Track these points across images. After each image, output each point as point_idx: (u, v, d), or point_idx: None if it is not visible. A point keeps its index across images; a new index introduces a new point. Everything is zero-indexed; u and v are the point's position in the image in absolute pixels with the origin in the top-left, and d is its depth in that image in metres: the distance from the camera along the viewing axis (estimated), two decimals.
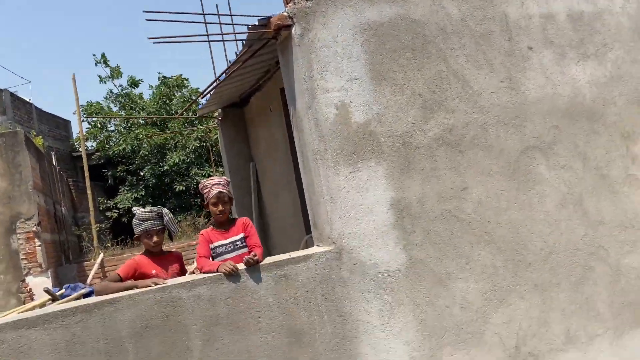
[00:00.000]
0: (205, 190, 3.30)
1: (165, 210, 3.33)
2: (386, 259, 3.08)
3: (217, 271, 2.84)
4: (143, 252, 3.32)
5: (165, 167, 16.54)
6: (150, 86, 18.77)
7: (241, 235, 3.28)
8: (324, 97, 3.07)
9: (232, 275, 2.81)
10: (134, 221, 3.26)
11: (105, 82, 17.95)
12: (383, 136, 3.17)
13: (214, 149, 16.12)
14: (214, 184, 3.27)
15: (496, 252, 3.28)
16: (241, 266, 2.88)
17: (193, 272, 3.27)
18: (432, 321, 3.10)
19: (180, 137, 16.95)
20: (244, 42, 3.62)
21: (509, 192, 3.35)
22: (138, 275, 3.09)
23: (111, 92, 18.26)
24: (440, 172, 3.24)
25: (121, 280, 3.01)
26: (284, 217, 5.08)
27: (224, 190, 3.26)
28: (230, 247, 3.25)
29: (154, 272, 3.14)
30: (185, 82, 18.66)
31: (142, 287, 2.75)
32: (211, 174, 16.45)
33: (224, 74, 3.91)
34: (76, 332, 2.50)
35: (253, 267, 2.87)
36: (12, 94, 14.99)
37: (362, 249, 3.05)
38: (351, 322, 2.98)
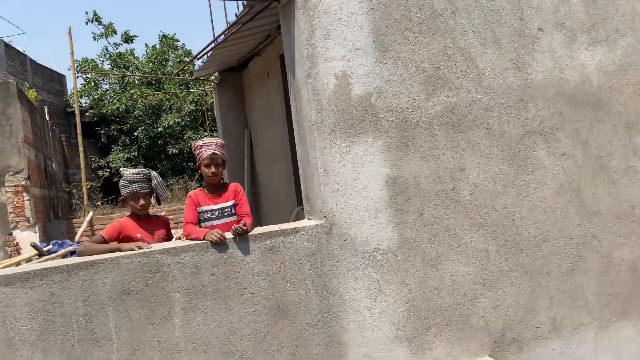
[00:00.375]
0: (198, 151, 3.20)
1: (154, 173, 3.23)
2: (377, 237, 3.02)
3: (204, 239, 2.77)
4: (129, 215, 3.24)
5: (160, 129, 16.33)
6: (147, 45, 18.37)
7: (231, 202, 3.21)
8: (324, 65, 2.95)
9: (219, 245, 2.74)
10: (121, 182, 3.17)
11: (97, 40, 17.58)
12: (383, 111, 3.07)
13: (210, 113, 15.91)
14: (208, 145, 3.18)
15: (489, 236, 3.23)
16: (229, 235, 2.82)
17: (179, 238, 3.21)
18: (419, 302, 3.07)
19: (176, 100, 16.70)
20: (245, 2, 3.46)
21: (507, 177, 3.28)
22: (123, 238, 3.01)
23: (106, 49, 17.89)
24: (438, 151, 3.16)
25: (105, 242, 2.94)
26: (276, 187, 5.00)
27: (218, 152, 3.17)
28: (219, 213, 3.18)
29: (139, 235, 3.07)
30: (176, 42, 18.27)
31: (125, 251, 2.68)
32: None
33: (223, 35, 3.76)
34: (55, 292, 2.44)
35: (241, 236, 2.80)
36: (6, 44, 14.62)
37: (354, 225, 2.99)
38: (337, 298, 2.94)
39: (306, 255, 2.90)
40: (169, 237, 3.28)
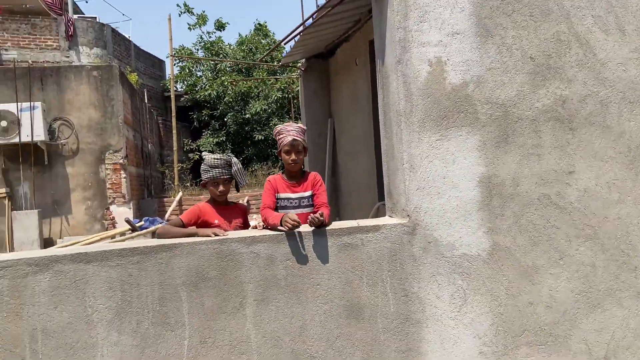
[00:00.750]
0: (280, 137, 3.12)
1: (234, 160, 3.17)
2: (466, 241, 2.75)
3: (280, 224, 2.67)
4: (208, 200, 3.22)
5: (247, 115, 16.77)
6: (240, 35, 18.93)
7: (309, 192, 3.13)
8: (417, 51, 2.70)
9: (294, 230, 2.61)
10: (202, 167, 3.15)
11: (192, 29, 18.40)
12: (480, 102, 2.76)
13: (295, 101, 16.06)
14: (289, 131, 3.09)
15: (598, 250, 2.82)
16: (306, 227, 2.68)
17: (256, 227, 3.13)
18: (510, 317, 2.76)
19: (264, 87, 17.03)
20: None
21: (624, 183, 2.85)
22: (201, 223, 2.99)
23: (201, 38, 18.64)
24: (543, 150, 2.80)
25: (183, 226, 2.93)
26: (357, 179, 4.82)
27: (299, 139, 3.07)
28: (296, 202, 3.11)
29: (216, 222, 3.04)
30: (268, 31, 18.68)
31: (202, 236, 2.65)
32: None
33: (311, 19, 3.62)
34: (132, 272, 2.44)
35: (318, 230, 2.66)
36: (113, 30, 15.65)
37: (440, 227, 2.73)
38: (417, 304, 2.71)
39: (385, 256, 2.70)
40: (245, 226, 3.23)
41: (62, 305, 2.36)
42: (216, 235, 2.64)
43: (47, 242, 9.23)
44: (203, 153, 3.31)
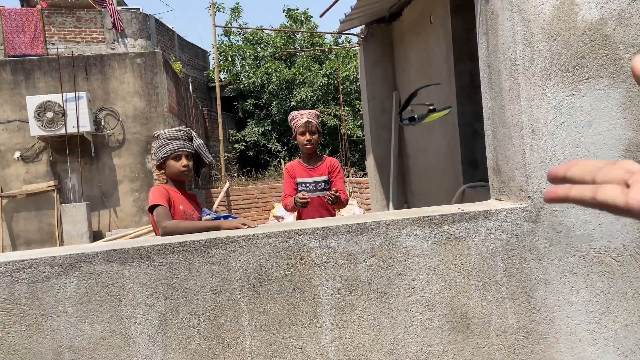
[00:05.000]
0: (293, 122, 3.24)
1: (194, 133, 2.71)
2: (607, 230, 2.07)
3: (295, 205, 2.99)
4: (165, 183, 2.69)
5: (293, 103, 16.30)
6: (278, 26, 18.56)
7: (326, 177, 3.24)
8: None
9: (380, 219, 2.07)
10: (157, 143, 2.63)
11: (230, 24, 18.18)
12: (624, 45, 2.07)
13: (342, 87, 15.45)
14: (303, 114, 3.23)
15: None
16: (394, 215, 2.09)
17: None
18: None
19: (308, 73, 16.49)
20: None
21: None
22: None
23: (240, 27, 18.29)
24: None
25: (169, 213, 2.42)
26: (432, 159, 4.16)
27: (313, 120, 3.20)
28: (312, 186, 3.23)
29: (181, 207, 2.53)
30: (299, 15, 18.15)
31: (227, 228, 2.14)
32: (337, 113, 15.88)
33: None
34: (179, 274, 1.92)
35: (409, 220, 2.06)
36: (156, 20, 15.47)
37: (572, 212, 2.07)
38: (544, 313, 2.07)
39: (500, 250, 2.07)
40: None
41: (93, 316, 1.87)
42: (246, 225, 2.13)
43: (96, 235, 9.06)
44: (155, 132, 2.84)
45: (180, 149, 2.59)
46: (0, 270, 1.81)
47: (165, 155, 2.59)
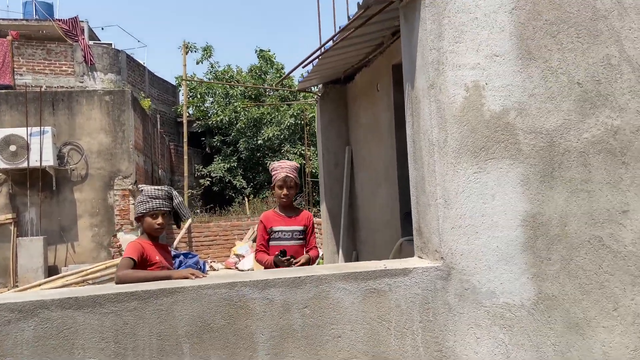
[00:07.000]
0: (274, 173, 3.41)
1: (175, 192, 3.02)
2: (508, 289, 2.42)
3: (275, 264, 3.17)
4: (140, 236, 2.98)
5: (259, 141, 16.64)
6: (251, 66, 19.03)
7: (302, 227, 3.41)
8: (452, 74, 2.43)
9: (312, 274, 2.36)
10: (140, 198, 2.91)
11: (200, 63, 18.68)
12: (523, 132, 2.47)
13: (308, 127, 15.93)
14: (283, 167, 3.38)
15: None
16: (326, 270, 2.38)
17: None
18: None
19: (276, 113, 16.95)
20: (359, 3, 3.06)
21: None
22: (141, 261, 2.75)
23: (211, 66, 18.71)
24: (593, 186, 2.48)
25: (135, 265, 2.68)
26: (377, 213, 4.51)
27: (291, 175, 3.36)
28: (289, 234, 3.37)
29: (157, 258, 2.81)
30: (271, 56, 18.77)
31: (177, 278, 2.40)
32: (303, 152, 16.30)
33: (331, 41, 3.39)
34: (128, 321, 2.14)
35: (339, 275, 2.35)
36: (128, 56, 15.73)
37: (478, 272, 2.41)
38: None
39: (417, 304, 2.38)
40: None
41: (48, 358, 2.05)
42: (195, 276, 2.40)
43: (51, 270, 8.97)
44: (140, 185, 3.14)
45: (158, 208, 2.87)
46: None
47: (144, 211, 2.88)
